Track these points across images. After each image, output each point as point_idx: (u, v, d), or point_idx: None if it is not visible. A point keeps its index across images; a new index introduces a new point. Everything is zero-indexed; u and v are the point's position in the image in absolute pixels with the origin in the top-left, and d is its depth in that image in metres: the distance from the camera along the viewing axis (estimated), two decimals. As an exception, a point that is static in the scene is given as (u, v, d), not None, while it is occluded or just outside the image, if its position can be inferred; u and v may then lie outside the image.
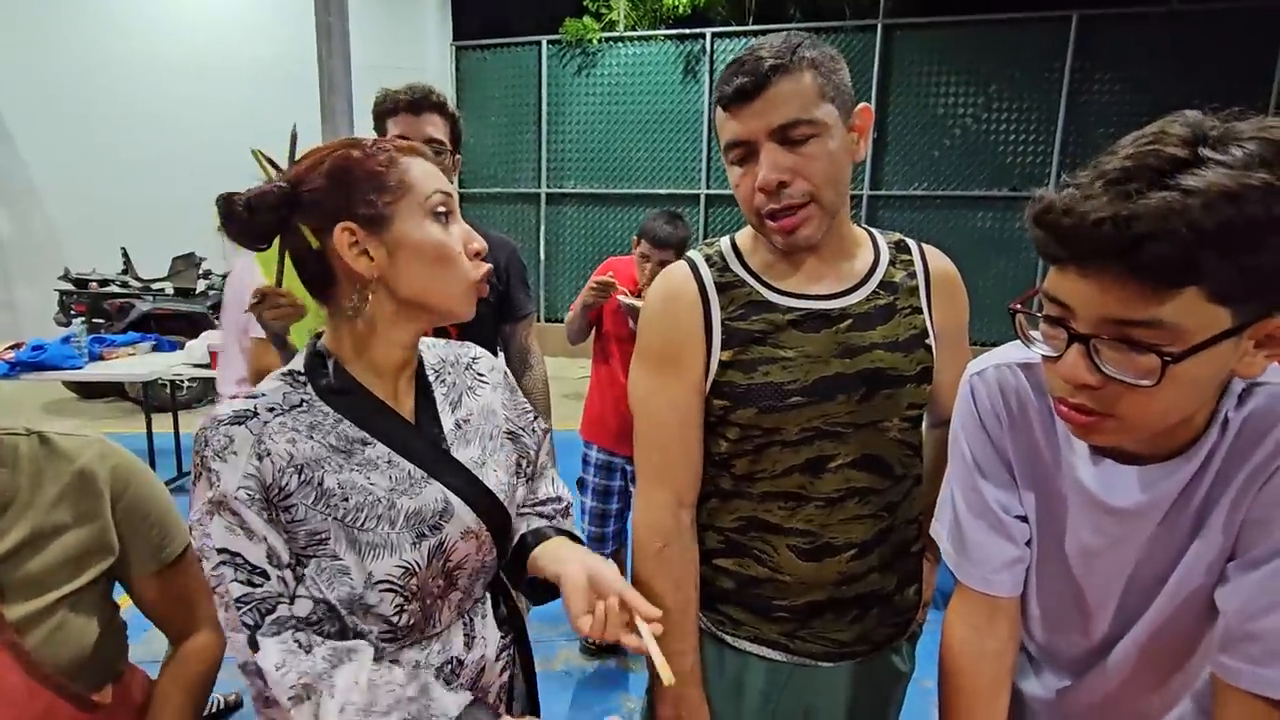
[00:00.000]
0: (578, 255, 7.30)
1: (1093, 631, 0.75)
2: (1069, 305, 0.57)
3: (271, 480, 0.67)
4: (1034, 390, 0.72)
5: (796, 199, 0.81)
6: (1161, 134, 0.53)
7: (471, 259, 0.75)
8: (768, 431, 0.87)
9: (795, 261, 0.89)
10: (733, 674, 0.94)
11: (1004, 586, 0.76)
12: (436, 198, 0.73)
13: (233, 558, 0.65)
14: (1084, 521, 0.71)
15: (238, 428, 0.68)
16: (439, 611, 0.77)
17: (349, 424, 0.73)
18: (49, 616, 0.69)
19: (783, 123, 0.79)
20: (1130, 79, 5.75)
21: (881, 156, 6.39)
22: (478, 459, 0.80)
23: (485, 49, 7.17)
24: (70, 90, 6.60)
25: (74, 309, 4.95)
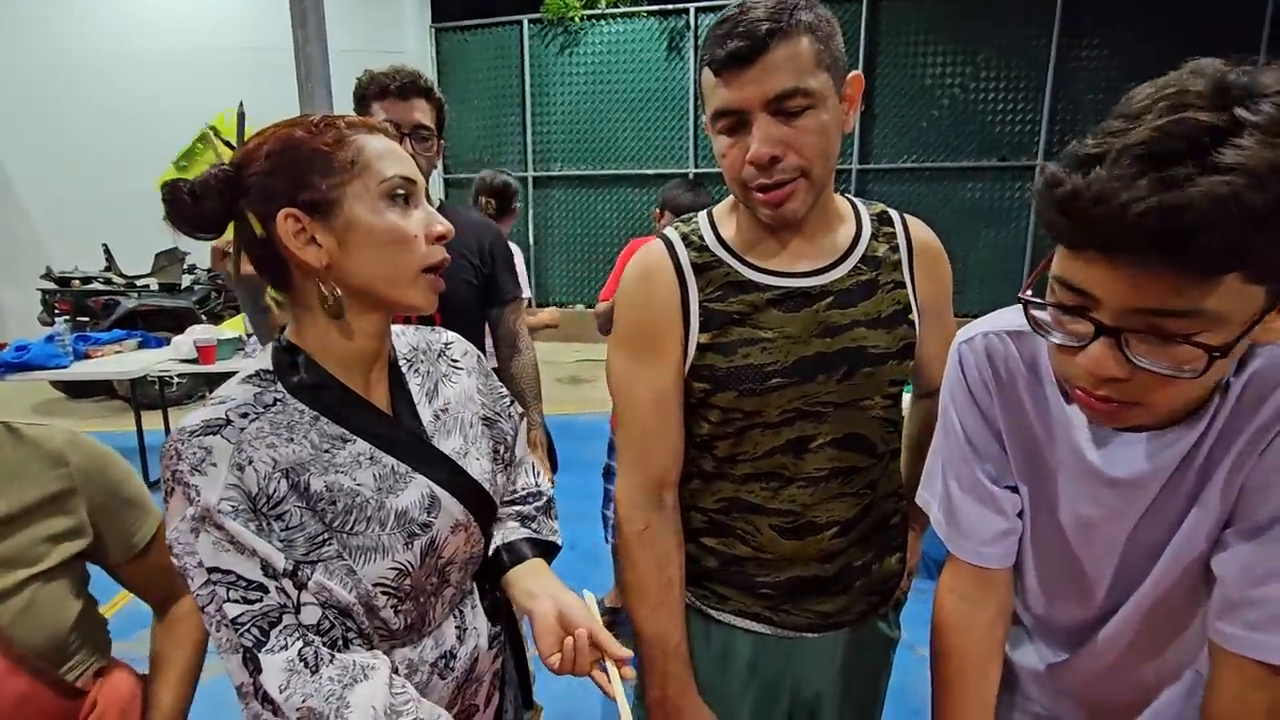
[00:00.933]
0: (567, 239, 7.25)
1: (1090, 602, 0.74)
2: (1092, 294, 0.52)
3: (257, 490, 0.63)
4: (1023, 358, 0.71)
5: (788, 174, 0.78)
6: (1184, 93, 0.48)
7: (431, 243, 0.70)
8: (749, 415, 0.86)
9: (776, 237, 0.87)
10: (719, 647, 0.94)
11: (995, 558, 0.76)
12: (393, 180, 0.68)
13: (224, 575, 0.60)
14: (1081, 492, 0.70)
15: (213, 438, 0.63)
16: (433, 609, 0.75)
17: (326, 421, 0.69)
18: (18, 593, 0.69)
19: (779, 92, 0.74)
20: (1118, 45, 5.70)
21: (870, 129, 6.34)
22: (460, 449, 0.78)
23: (465, 30, 7.05)
24: (43, 88, 6.47)
25: (58, 308, 4.88)
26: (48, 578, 0.72)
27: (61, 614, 0.73)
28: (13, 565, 0.70)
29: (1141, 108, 0.49)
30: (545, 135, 7.05)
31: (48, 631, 0.71)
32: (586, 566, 2.58)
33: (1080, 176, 0.49)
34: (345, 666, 0.62)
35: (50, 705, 0.71)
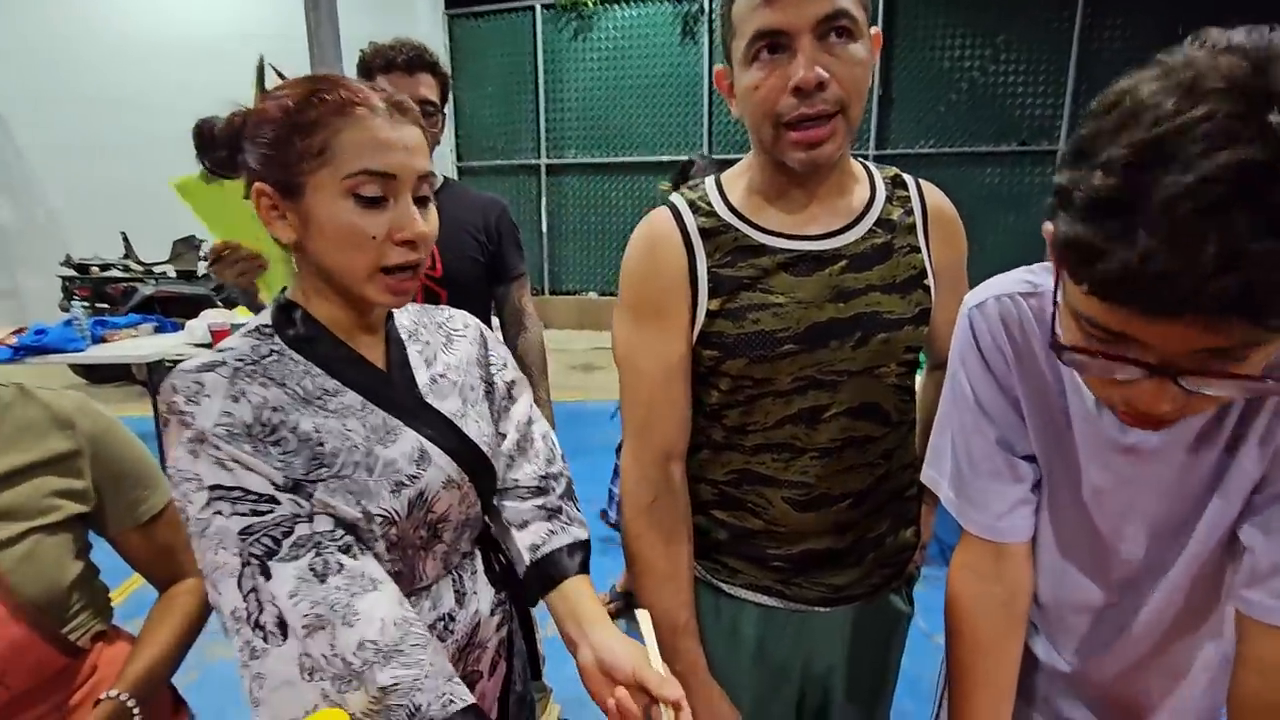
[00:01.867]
0: (581, 226, 7.22)
1: (1111, 579, 0.71)
2: (1138, 340, 0.47)
3: (252, 419, 0.63)
4: (1037, 320, 0.67)
5: (830, 104, 0.74)
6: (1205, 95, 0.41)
7: (397, 245, 0.67)
8: (759, 382, 0.83)
9: (787, 198, 0.84)
10: (729, 621, 0.92)
11: (1011, 532, 0.72)
12: (357, 178, 0.64)
13: (228, 491, 0.60)
14: (1093, 458, 0.67)
15: (207, 374, 0.64)
16: (422, 563, 0.74)
17: (320, 373, 0.70)
18: (19, 542, 0.71)
19: (829, 11, 0.71)
20: (1143, 25, 5.56)
21: (887, 114, 6.24)
22: (457, 411, 0.77)
23: (479, 16, 7.01)
24: (62, 76, 6.53)
25: (77, 294, 4.95)
26: (49, 532, 0.73)
27: (61, 569, 0.74)
28: (16, 516, 0.71)
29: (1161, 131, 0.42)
30: (559, 122, 7.01)
31: (46, 583, 0.72)
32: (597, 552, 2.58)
33: (1123, 243, 0.42)
34: (354, 576, 0.62)
35: (47, 658, 0.72)
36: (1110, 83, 0.48)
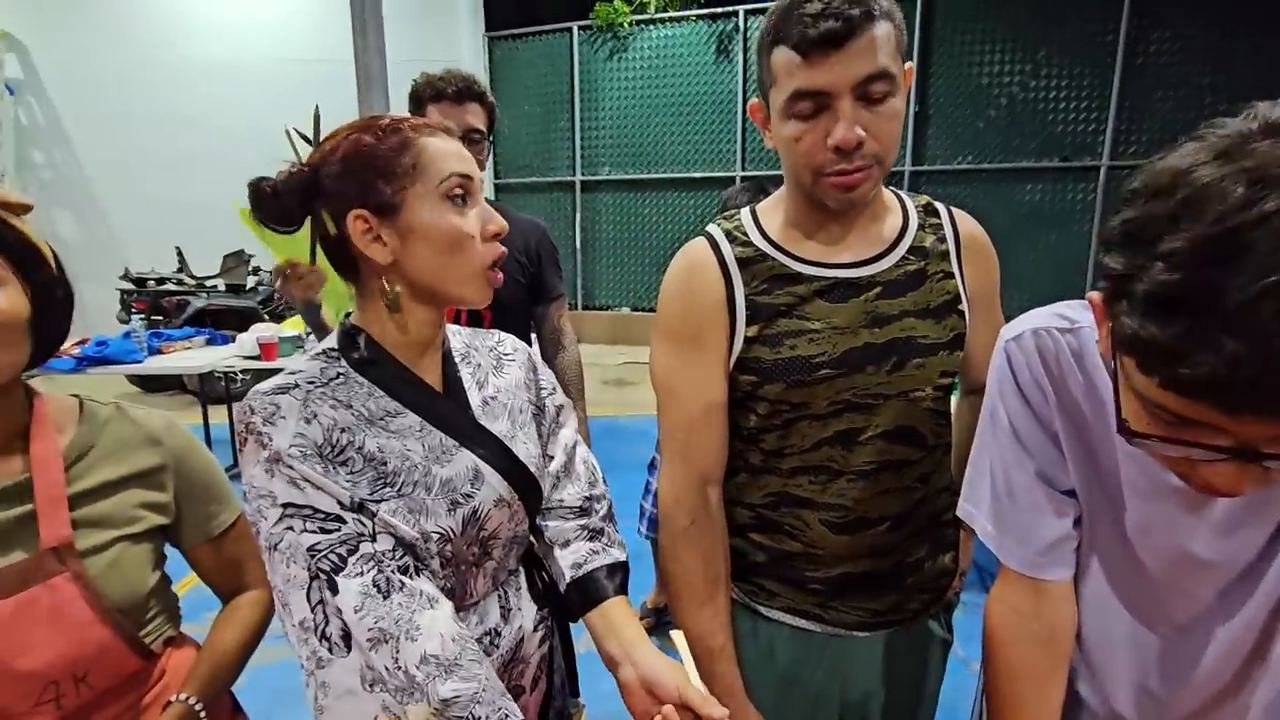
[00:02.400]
0: (614, 242, 7.30)
1: (1165, 621, 0.69)
2: (1216, 426, 0.45)
3: (323, 439, 0.68)
4: (1074, 355, 0.67)
5: (866, 160, 0.77)
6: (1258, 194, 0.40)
7: (487, 240, 0.74)
8: (796, 406, 0.85)
9: (823, 229, 0.86)
10: (766, 644, 0.93)
11: (1052, 568, 0.71)
12: (451, 181, 0.71)
13: (300, 510, 0.64)
14: (1139, 497, 0.65)
15: (282, 396, 0.69)
16: (473, 580, 0.77)
17: (383, 395, 0.74)
18: (107, 550, 0.75)
19: (868, 74, 0.74)
20: (1192, 38, 5.43)
21: (924, 130, 6.19)
22: (507, 432, 0.81)
23: (517, 38, 7.18)
24: (123, 96, 6.88)
25: (134, 306, 5.18)
26: (134, 541, 0.78)
27: (142, 576, 0.78)
28: (107, 525, 0.76)
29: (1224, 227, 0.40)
30: (594, 139, 7.12)
31: (129, 590, 0.76)
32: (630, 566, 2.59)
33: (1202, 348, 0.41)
34: (413, 593, 0.66)
35: (125, 660, 0.76)
36: (1156, 96, 0.46)
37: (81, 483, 0.76)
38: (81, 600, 0.72)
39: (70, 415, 0.79)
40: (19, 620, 0.68)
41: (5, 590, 0.68)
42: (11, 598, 0.68)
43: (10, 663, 0.67)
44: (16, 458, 0.74)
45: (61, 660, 0.70)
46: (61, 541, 0.72)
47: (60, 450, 0.75)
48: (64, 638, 0.71)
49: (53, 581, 0.71)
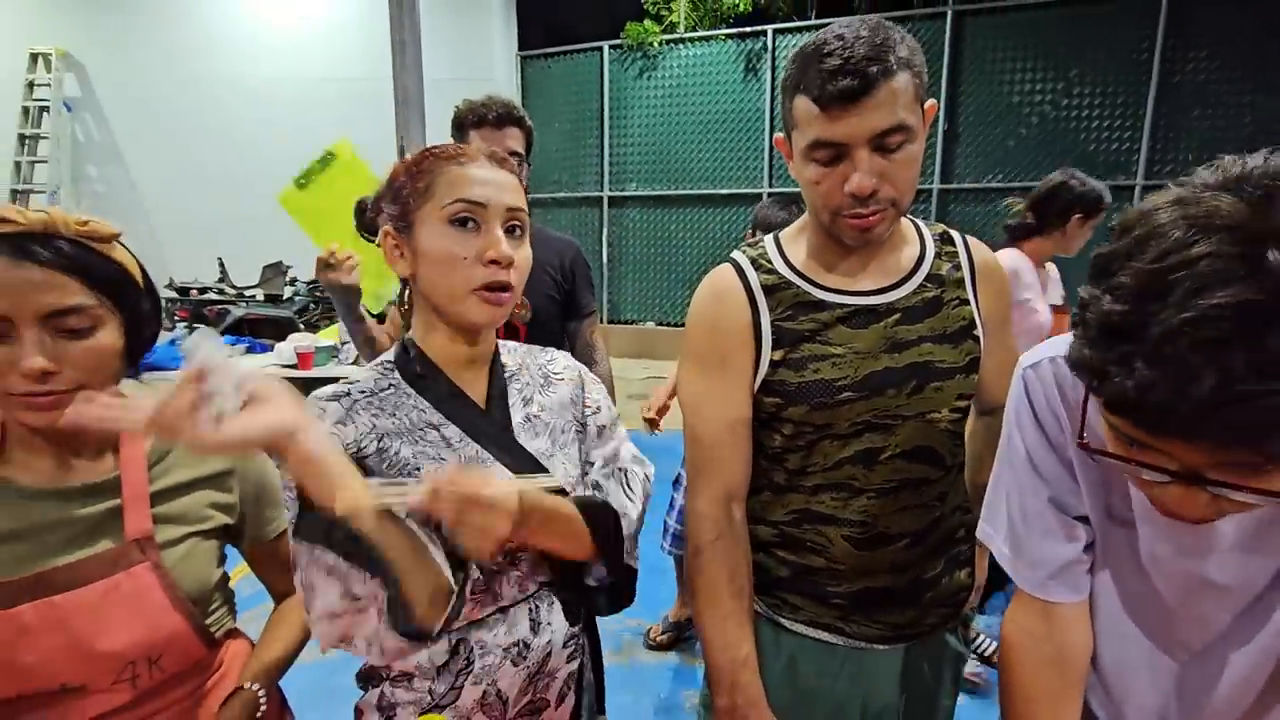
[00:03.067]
0: (640, 257, 7.36)
1: (1181, 647, 0.69)
2: (1170, 466, 0.49)
3: (350, 441, 0.75)
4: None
5: (881, 205, 0.82)
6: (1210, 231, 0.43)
7: (485, 265, 0.76)
8: (819, 427, 0.88)
9: (844, 259, 0.90)
10: (788, 657, 0.96)
11: (1061, 591, 0.72)
12: (455, 205, 0.76)
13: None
14: (1151, 525, 0.67)
15: (332, 403, 0.77)
16: (499, 585, 0.80)
17: (427, 407, 0.80)
18: (181, 543, 0.82)
19: (884, 128, 0.78)
20: (1228, 56, 5.34)
21: (953, 148, 6.17)
22: (546, 450, 0.84)
23: (549, 57, 7.34)
24: (171, 114, 7.17)
25: (178, 315, 5.37)
26: (203, 537, 0.85)
27: (209, 570, 0.85)
28: (181, 521, 0.83)
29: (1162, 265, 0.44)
30: (622, 156, 7.22)
31: (199, 581, 0.83)
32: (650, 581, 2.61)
33: (1122, 371, 0.45)
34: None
35: (192, 647, 0.82)
36: (1194, 115, 0.48)
37: (161, 482, 0.83)
38: (159, 588, 0.78)
39: None
40: (104, 604, 0.75)
41: (93, 576, 0.75)
42: (98, 583, 0.75)
43: (94, 643, 0.74)
44: (108, 457, 0.81)
45: (139, 643, 0.76)
46: (144, 534, 0.79)
47: (145, 452, 0.83)
48: (142, 622, 0.77)
49: (134, 570, 0.77)
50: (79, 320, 0.71)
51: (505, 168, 0.80)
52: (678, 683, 2.19)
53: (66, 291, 0.71)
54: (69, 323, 0.71)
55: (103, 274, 0.74)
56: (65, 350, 0.71)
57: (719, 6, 6.67)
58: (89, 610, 0.74)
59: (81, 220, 0.73)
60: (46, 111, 7.07)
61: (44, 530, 0.74)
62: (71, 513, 0.76)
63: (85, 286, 0.72)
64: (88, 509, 0.77)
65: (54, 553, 0.74)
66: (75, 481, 0.78)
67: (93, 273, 0.73)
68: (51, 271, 0.70)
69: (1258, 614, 0.65)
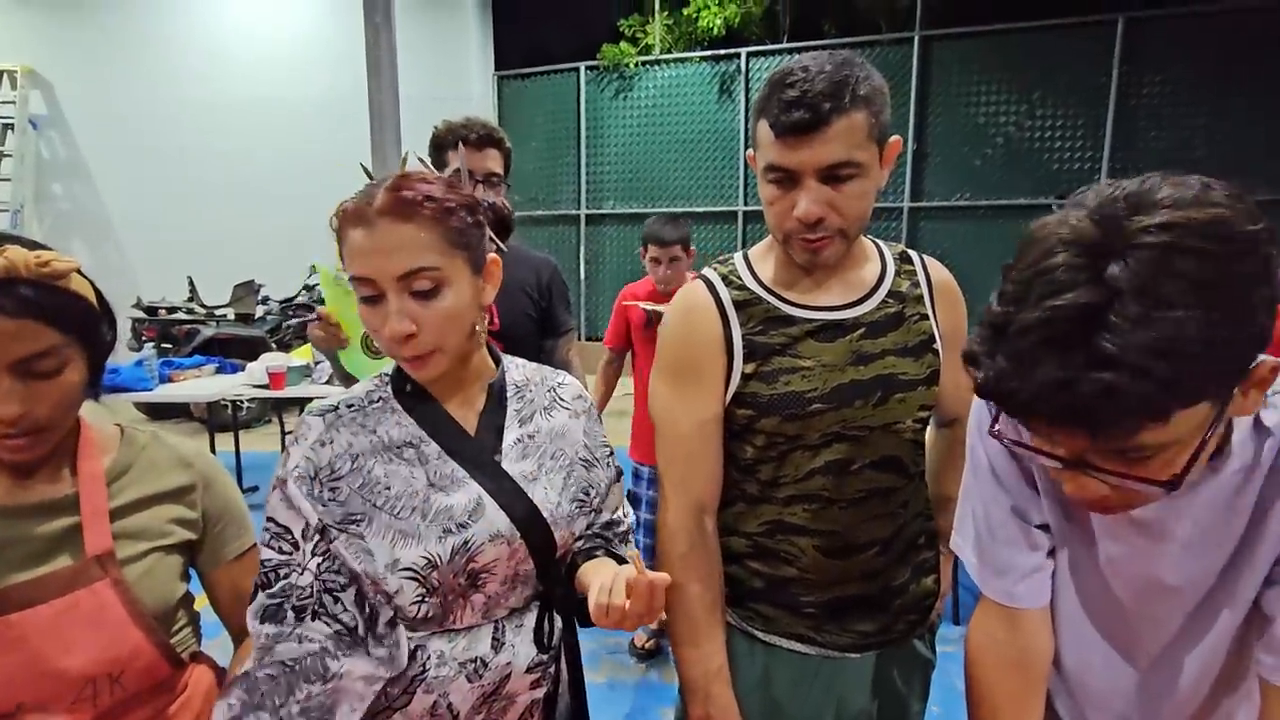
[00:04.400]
0: (617, 274, 7.39)
1: (1139, 649, 0.72)
2: (1053, 454, 0.56)
3: (325, 463, 0.77)
4: None
5: (829, 233, 0.85)
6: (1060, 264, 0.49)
7: (388, 340, 0.75)
8: (791, 438, 0.90)
9: (810, 276, 0.93)
10: (761, 668, 0.96)
11: (1026, 598, 0.75)
12: (355, 284, 0.75)
13: (276, 525, 0.76)
14: (1106, 528, 0.69)
15: (317, 419, 0.79)
16: (460, 610, 0.79)
17: (410, 424, 0.81)
18: (142, 559, 0.81)
19: (832, 162, 0.81)
20: (1182, 80, 5.58)
21: (922, 167, 6.32)
22: (530, 473, 0.83)
23: (526, 77, 7.39)
24: (141, 131, 7.07)
25: (145, 335, 5.25)
26: (165, 552, 0.84)
27: (172, 586, 0.84)
28: (142, 537, 0.82)
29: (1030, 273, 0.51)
30: (599, 175, 7.27)
31: (161, 598, 0.82)
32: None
33: (989, 361, 0.52)
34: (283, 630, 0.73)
35: (155, 664, 0.81)
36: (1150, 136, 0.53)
37: (121, 498, 0.82)
38: (119, 605, 0.77)
39: (113, 440, 0.86)
40: (63, 622, 0.74)
41: (51, 593, 0.74)
42: (57, 600, 0.74)
43: (54, 661, 0.72)
44: (66, 475, 0.80)
45: (99, 660, 0.75)
46: (103, 550, 0.78)
47: (104, 469, 0.82)
48: (102, 639, 0.76)
49: (94, 587, 0.76)
50: (48, 363, 0.72)
51: (412, 218, 0.73)
52: (656, 699, 2.18)
53: (36, 338, 0.70)
54: (38, 366, 0.71)
55: (68, 314, 0.73)
56: (35, 392, 0.72)
57: (694, 30, 6.79)
58: (48, 628, 0.73)
59: (41, 260, 0.70)
60: (11, 129, 6.94)
61: (1, 548, 0.73)
62: (29, 530, 0.75)
63: (52, 329, 0.71)
64: (46, 526, 0.76)
65: (11, 570, 0.73)
66: (32, 499, 0.77)
67: (59, 315, 0.72)
68: (19, 320, 0.69)
69: (1206, 615, 0.67)
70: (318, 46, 6.91)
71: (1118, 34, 5.64)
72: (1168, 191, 0.49)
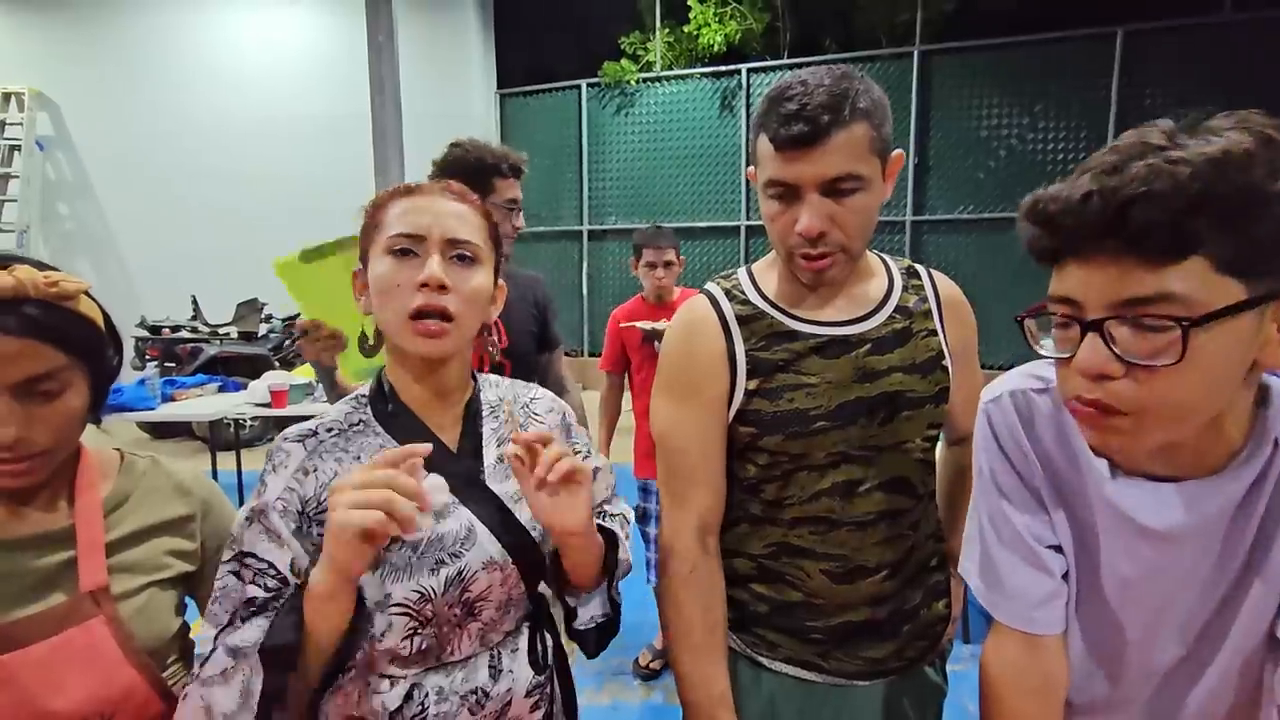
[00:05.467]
0: (619, 289, 7.39)
1: (1145, 679, 0.70)
2: (1076, 300, 0.56)
3: (310, 495, 0.73)
4: (1049, 414, 0.70)
5: (830, 248, 0.83)
6: (1143, 130, 0.55)
7: (418, 289, 0.74)
8: (795, 457, 0.88)
9: (815, 292, 0.91)
10: (767, 696, 0.93)
11: (1044, 623, 0.72)
12: (394, 238, 0.75)
13: (257, 560, 0.70)
14: (1118, 547, 0.67)
15: (296, 444, 0.75)
16: (456, 640, 0.77)
17: (394, 445, 0.77)
18: (138, 594, 0.79)
19: (834, 176, 0.80)
20: (1183, 94, 5.59)
21: (924, 181, 6.33)
22: (515, 494, 0.81)
23: (528, 94, 7.45)
24: (146, 151, 7.14)
25: (148, 354, 5.26)
26: (162, 587, 0.81)
27: (168, 621, 0.81)
28: (138, 571, 0.80)
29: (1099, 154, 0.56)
30: (601, 190, 7.30)
31: (156, 633, 0.79)
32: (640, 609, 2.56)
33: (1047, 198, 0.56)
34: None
35: (149, 702, 0.78)
36: None
37: (118, 530, 0.79)
38: (113, 642, 0.75)
39: (112, 466, 0.84)
40: (55, 661, 0.71)
41: (44, 632, 0.71)
42: (50, 640, 0.71)
43: (44, 702, 0.70)
44: (62, 505, 0.78)
45: (92, 700, 0.72)
46: (99, 586, 0.75)
47: (102, 499, 0.79)
48: (95, 678, 0.73)
49: (88, 624, 0.74)
50: (50, 385, 0.71)
51: (458, 198, 0.79)
52: (662, 724, 2.13)
53: (39, 359, 0.69)
54: (41, 388, 0.70)
55: (74, 335, 0.72)
56: (36, 414, 0.70)
57: (694, 46, 6.85)
58: (39, 667, 0.70)
59: (50, 280, 0.70)
60: (18, 150, 7.01)
61: None
62: (24, 564, 0.73)
63: (57, 350, 0.70)
64: (41, 560, 0.74)
65: (4, 606, 0.71)
66: (28, 530, 0.74)
67: (64, 336, 0.71)
68: (23, 340, 0.68)
69: (1212, 641, 0.66)
70: (321, 66, 6.99)
71: (1117, 46, 5.66)
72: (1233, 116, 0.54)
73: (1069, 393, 0.60)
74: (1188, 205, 0.49)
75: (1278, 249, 0.51)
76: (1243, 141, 0.50)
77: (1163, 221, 0.50)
